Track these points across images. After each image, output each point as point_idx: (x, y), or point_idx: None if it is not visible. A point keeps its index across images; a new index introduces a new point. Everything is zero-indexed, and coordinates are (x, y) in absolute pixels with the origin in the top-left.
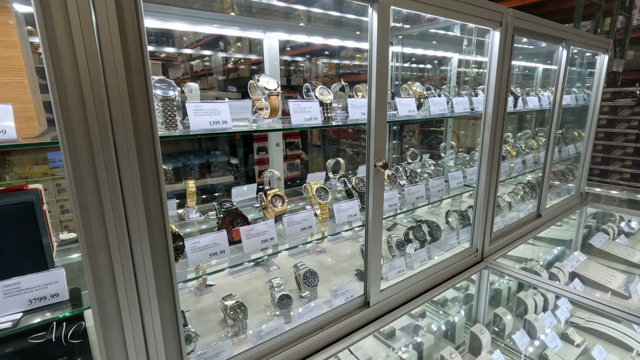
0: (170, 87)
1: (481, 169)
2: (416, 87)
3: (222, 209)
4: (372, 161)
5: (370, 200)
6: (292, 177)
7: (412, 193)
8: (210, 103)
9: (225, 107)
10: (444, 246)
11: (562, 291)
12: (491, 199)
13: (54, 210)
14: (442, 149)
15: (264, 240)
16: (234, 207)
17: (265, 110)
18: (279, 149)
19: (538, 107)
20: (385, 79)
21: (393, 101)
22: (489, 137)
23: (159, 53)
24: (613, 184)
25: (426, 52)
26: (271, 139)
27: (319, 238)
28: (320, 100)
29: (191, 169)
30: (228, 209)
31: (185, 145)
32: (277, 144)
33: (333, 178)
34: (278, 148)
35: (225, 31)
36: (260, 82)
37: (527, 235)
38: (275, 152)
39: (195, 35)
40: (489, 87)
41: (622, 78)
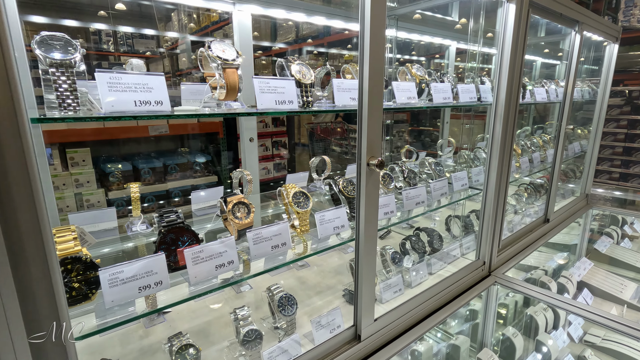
0: (66, 49)
1: (490, 168)
2: (416, 69)
3: (162, 222)
4: (364, 159)
5: (362, 208)
6: (279, 178)
7: (411, 197)
8: (137, 75)
9: (158, 82)
10: (446, 258)
11: (579, 309)
12: (500, 204)
13: None
14: (439, 147)
15: (219, 266)
16: (179, 220)
17: (221, 89)
18: (253, 145)
19: (546, 100)
20: (381, 52)
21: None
22: (501, 130)
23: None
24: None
25: (422, 37)
26: (243, 134)
27: (296, 259)
28: (297, 79)
29: (146, 173)
30: (171, 223)
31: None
32: (250, 139)
33: (318, 179)
34: (252, 144)
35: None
36: (212, 51)
37: (535, 242)
38: (248, 149)
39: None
40: (502, 71)
41: None
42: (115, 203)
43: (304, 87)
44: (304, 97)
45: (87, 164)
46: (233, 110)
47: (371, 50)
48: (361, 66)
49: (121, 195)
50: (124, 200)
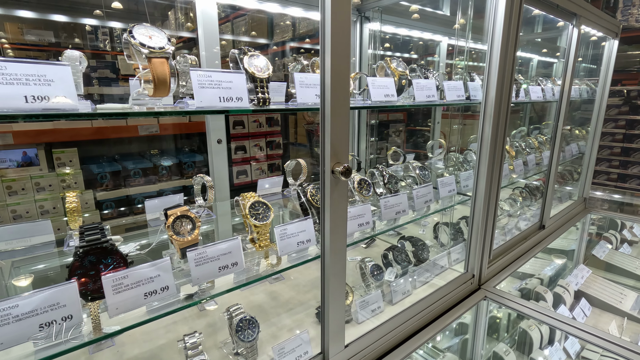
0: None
1: (480, 173)
2: (396, 64)
3: (82, 241)
4: (327, 165)
5: (327, 221)
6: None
7: (390, 206)
8: (28, 65)
9: (63, 73)
10: (433, 270)
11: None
12: (491, 212)
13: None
14: (429, 148)
15: (150, 293)
16: (102, 239)
17: (148, 83)
18: (222, 148)
19: (542, 99)
20: (345, 42)
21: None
22: (491, 131)
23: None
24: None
25: (411, 32)
26: (210, 134)
27: (243, 284)
28: (251, 73)
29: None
30: (92, 243)
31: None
32: (218, 140)
33: (293, 185)
34: (220, 146)
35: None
36: (135, 37)
37: (530, 251)
38: (216, 152)
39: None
40: (491, 68)
41: None
42: (104, 204)
43: (259, 82)
44: (260, 93)
45: (75, 164)
46: (157, 108)
47: (333, 41)
48: (322, 59)
49: (110, 196)
50: (112, 202)
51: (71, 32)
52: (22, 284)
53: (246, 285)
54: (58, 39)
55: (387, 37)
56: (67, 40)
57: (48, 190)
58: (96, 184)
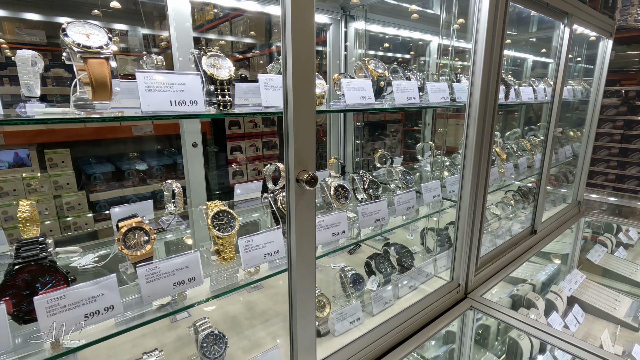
0: None
1: (464, 178)
2: (374, 65)
3: (17, 258)
4: (292, 173)
5: (293, 233)
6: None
7: (368, 214)
8: None
9: None
10: (418, 277)
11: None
12: (478, 218)
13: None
14: (418, 151)
15: (92, 314)
16: (40, 255)
17: (86, 85)
18: (198, 151)
19: (533, 100)
20: (310, 38)
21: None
22: (475, 135)
23: None
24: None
25: (399, 32)
26: (185, 138)
27: (218, 294)
28: (209, 75)
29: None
30: (28, 259)
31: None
32: (193, 144)
33: (273, 190)
34: (196, 150)
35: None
36: (69, 36)
37: (520, 257)
38: (191, 156)
39: None
40: (475, 68)
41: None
42: (97, 206)
43: (219, 85)
44: (220, 96)
45: (67, 165)
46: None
47: (295, 39)
48: (284, 59)
49: (105, 197)
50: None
51: None
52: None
53: (222, 295)
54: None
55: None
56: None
57: (40, 192)
58: (89, 184)
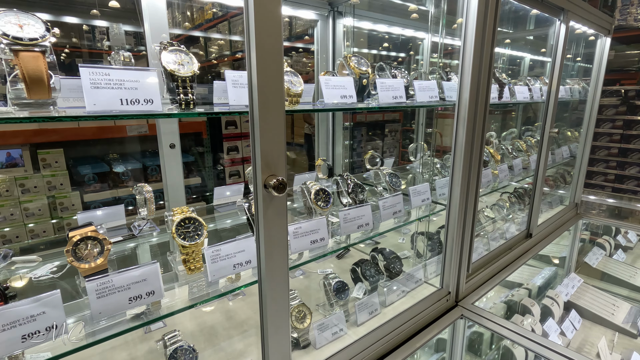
0: None
1: (454, 181)
2: (356, 62)
3: None
4: (259, 178)
5: (262, 242)
6: None
7: (350, 219)
8: None
9: None
10: (407, 285)
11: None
12: (469, 223)
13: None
14: (411, 152)
15: (30, 334)
16: None
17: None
18: (175, 153)
19: (528, 99)
20: (276, 30)
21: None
22: (465, 136)
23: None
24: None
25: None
26: (162, 139)
27: (196, 303)
28: (170, 71)
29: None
30: None
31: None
32: (171, 145)
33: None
34: (173, 151)
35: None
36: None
37: (515, 262)
38: (169, 157)
39: None
40: (465, 66)
41: (604, 78)
42: (92, 206)
43: (180, 82)
44: (182, 94)
45: (60, 165)
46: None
47: (258, 30)
48: (248, 52)
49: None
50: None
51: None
52: None
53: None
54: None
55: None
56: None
57: (33, 192)
58: (83, 185)
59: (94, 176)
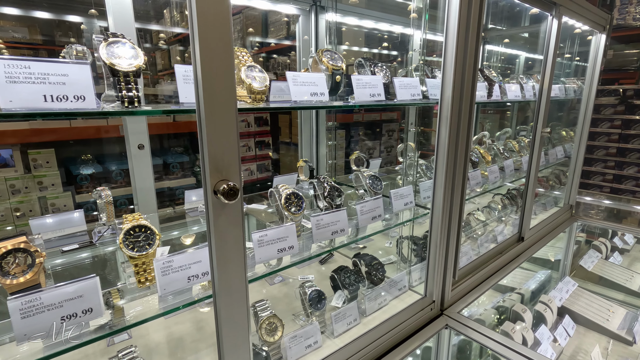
0: None
1: (437, 184)
2: (329, 58)
3: None
4: (209, 184)
5: (214, 254)
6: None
7: (324, 225)
8: None
9: None
10: (391, 291)
11: None
12: (454, 228)
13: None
14: (399, 152)
15: None
16: None
17: None
18: (144, 154)
19: (520, 98)
20: (225, 20)
21: None
22: (448, 136)
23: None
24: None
25: (377, 25)
26: (130, 139)
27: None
28: (109, 65)
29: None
30: None
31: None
32: (139, 145)
33: None
34: (143, 152)
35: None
36: None
37: (505, 267)
38: (137, 159)
39: None
40: (447, 62)
41: (603, 78)
42: (84, 207)
43: (122, 77)
44: (125, 90)
45: (52, 165)
46: None
47: (201, 16)
48: (192, 41)
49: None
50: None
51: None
52: None
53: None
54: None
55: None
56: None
57: (24, 193)
58: (76, 185)
59: (87, 176)
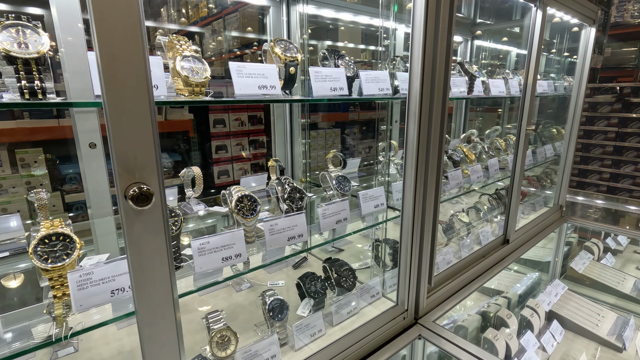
0: None
1: (406, 185)
2: (283, 48)
3: None
4: (118, 187)
5: (131, 267)
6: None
7: (278, 231)
8: None
9: None
10: (364, 297)
11: None
12: (428, 232)
13: None
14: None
15: None
16: None
17: None
18: (97, 153)
19: (505, 94)
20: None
21: None
22: (417, 133)
23: None
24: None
25: (356, 18)
26: (80, 137)
27: (120, 316)
28: (6, 53)
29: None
30: None
31: None
32: (90, 144)
33: (190, 198)
34: (95, 151)
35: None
36: None
37: (488, 271)
38: (88, 159)
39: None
40: (414, 53)
41: (600, 76)
42: (73, 207)
43: (22, 66)
44: (23, 81)
45: (40, 165)
46: None
47: None
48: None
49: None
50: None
51: None
52: None
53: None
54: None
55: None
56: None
57: (11, 193)
58: (65, 185)
59: (77, 176)
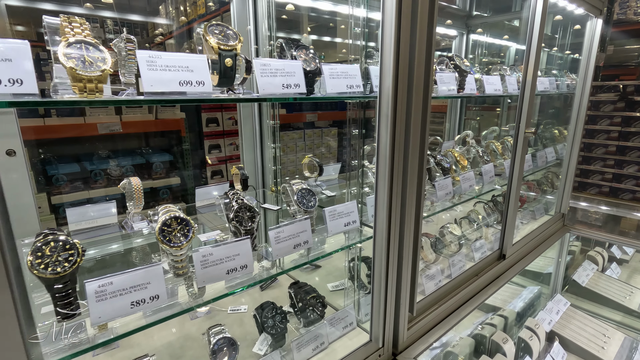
0: None
1: (378, 201)
2: (217, 34)
3: None
4: None
5: None
6: None
7: (213, 263)
8: None
9: None
10: (335, 328)
11: None
12: (407, 256)
13: None
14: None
15: None
16: None
17: None
18: (16, 161)
19: (501, 92)
20: None
21: None
22: (388, 139)
23: None
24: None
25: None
26: None
27: None
28: None
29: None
30: None
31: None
32: (7, 151)
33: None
34: (13, 159)
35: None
36: None
37: (481, 293)
38: (5, 168)
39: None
40: (385, 44)
41: (602, 74)
42: (60, 209)
43: None
44: None
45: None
46: None
47: None
48: None
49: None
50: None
51: None
52: None
53: None
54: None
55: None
56: None
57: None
58: (51, 186)
59: (63, 177)
